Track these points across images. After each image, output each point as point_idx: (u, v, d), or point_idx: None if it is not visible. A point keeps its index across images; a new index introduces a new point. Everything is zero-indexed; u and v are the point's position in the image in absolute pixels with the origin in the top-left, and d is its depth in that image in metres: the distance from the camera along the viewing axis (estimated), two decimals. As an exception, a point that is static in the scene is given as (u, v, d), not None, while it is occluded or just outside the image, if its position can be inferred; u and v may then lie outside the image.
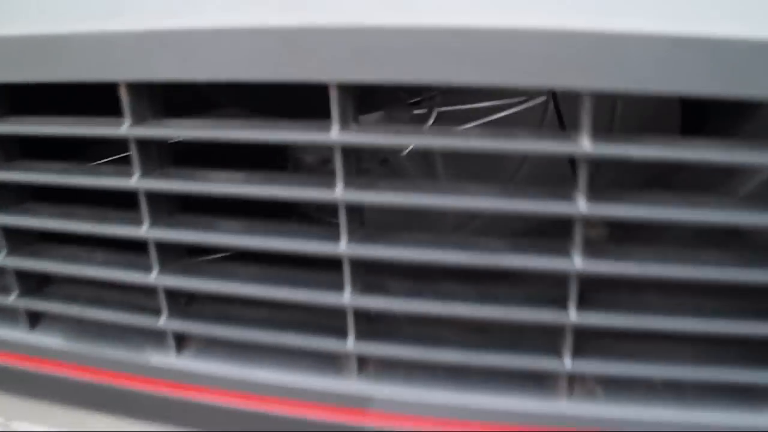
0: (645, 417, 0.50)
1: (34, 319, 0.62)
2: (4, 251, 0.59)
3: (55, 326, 0.62)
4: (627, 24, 0.40)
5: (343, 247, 0.49)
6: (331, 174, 0.48)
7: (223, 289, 0.53)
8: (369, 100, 0.81)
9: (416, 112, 0.97)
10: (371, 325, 0.53)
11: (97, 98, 0.53)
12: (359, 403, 0.53)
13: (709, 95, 0.39)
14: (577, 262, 0.46)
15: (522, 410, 0.52)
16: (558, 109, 0.84)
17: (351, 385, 0.53)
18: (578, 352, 0.49)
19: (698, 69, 0.38)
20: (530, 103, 0.90)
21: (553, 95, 0.86)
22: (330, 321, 0.54)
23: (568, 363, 0.49)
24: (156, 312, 0.57)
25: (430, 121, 0.96)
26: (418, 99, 0.96)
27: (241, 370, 0.56)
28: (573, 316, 0.47)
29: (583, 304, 0.48)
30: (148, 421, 0.60)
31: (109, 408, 0.61)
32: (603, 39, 0.40)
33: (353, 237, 0.49)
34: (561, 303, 0.48)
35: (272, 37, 0.44)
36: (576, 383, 0.51)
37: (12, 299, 0.60)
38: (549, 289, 0.51)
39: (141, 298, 0.59)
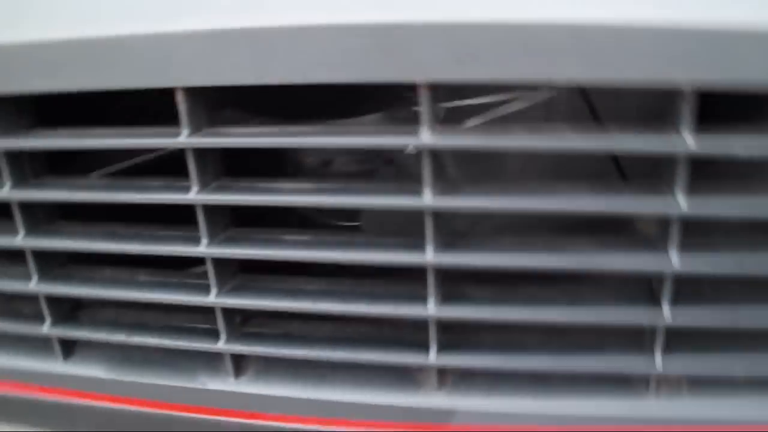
0: (731, 413, 0.50)
1: (68, 348, 0.58)
2: (35, 277, 0.55)
3: (91, 355, 0.58)
4: (729, 17, 0.39)
5: (430, 256, 0.47)
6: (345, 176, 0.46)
7: (293, 306, 0.50)
8: (370, 99, 0.80)
9: (415, 109, 0.95)
10: (449, 335, 0.51)
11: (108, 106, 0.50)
12: (441, 418, 0.52)
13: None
14: (675, 262, 0.45)
15: (610, 413, 0.51)
16: (589, 102, 0.83)
17: (432, 399, 0.52)
18: (666, 350, 0.49)
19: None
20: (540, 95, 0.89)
21: (583, 90, 0.86)
22: (400, 334, 0.52)
23: (659, 363, 0.48)
24: (208, 333, 0.54)
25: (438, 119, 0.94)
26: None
27: (307, 391, 0.53)
28: (667, 316, 0.47)
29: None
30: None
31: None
32: (709, 33, 0.40)
33: (437, 245, 0.47)
34: (650, 302, 0.47)
35: (361, 34, 0.42)
36: (662, 382, 0.51)
37: (46, 328, 0.56)
38: (629, 287, 0.50)
39: (186, 319, 0.56)
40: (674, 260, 0.45)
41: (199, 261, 0.51)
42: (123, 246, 0.52)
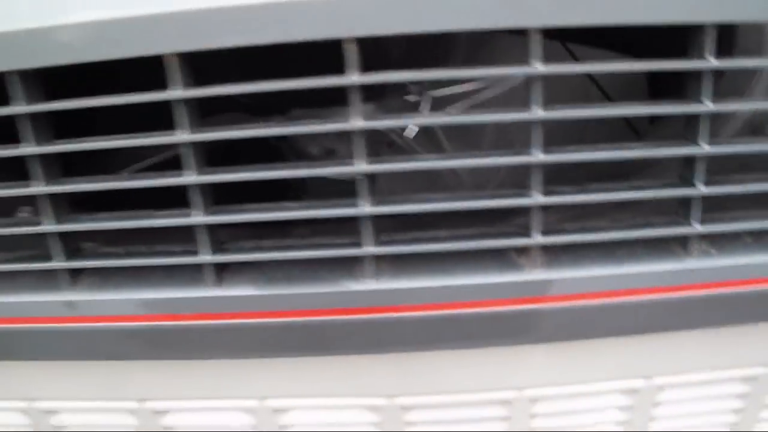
0: (744, 262, 0.70)
1: (219, 275, 0.70)
2: (200, 212, 0.67)
3: (239, 279, 0.71)
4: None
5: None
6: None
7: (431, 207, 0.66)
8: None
9: (408, 98, 1.13)
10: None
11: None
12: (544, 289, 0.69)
13: None
14: (705, 147, 0.66)
15: (659, 271, 0.70)
16: (598, 84, 1.04)
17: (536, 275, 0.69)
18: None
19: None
20: (515, 83, 1.09)
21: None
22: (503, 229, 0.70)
23: (698, 227, 0.68)
24: (347, 245, 0.69)
25: (427, 105, 1.12)
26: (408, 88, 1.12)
27: (435, 280, 0.69)
28: (702, 189, 0.67)
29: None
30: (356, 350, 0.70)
31: (316, 347, 0.71)
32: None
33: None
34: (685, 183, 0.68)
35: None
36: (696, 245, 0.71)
37: (203, 257, 0.68)
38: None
39: (322, 235, 0.70)
40: (705, 146, 0.66)
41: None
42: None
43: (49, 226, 0.68)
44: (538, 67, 0.61)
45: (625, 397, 0.79)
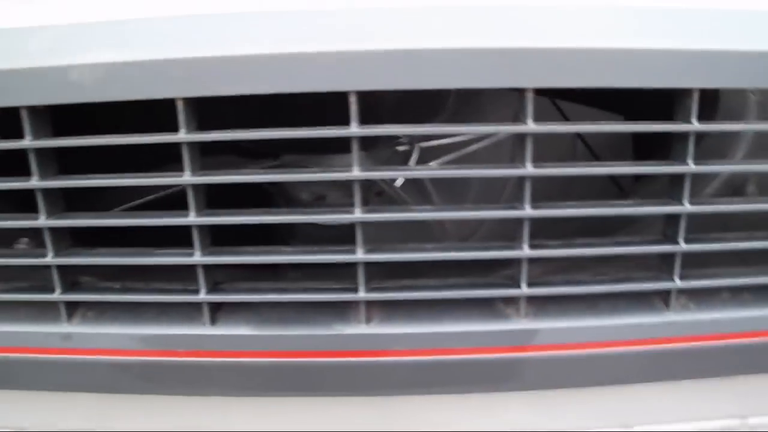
0: (721, 317, 0.74)
1: (214, 314, 0.73)
2: (199, 252, 0.70)
3: (233, 319, 0.73)
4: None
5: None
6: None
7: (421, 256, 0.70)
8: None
9: (399, 148, 1.17)
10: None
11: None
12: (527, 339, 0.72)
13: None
14: (687, 206, 0.70)
15: (640, 324, 0.73)
16: (584, 141, 1.08)
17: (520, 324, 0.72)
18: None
19: None
20: (501, 136, 1.13)
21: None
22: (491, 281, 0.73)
23: (678, 282, 0.72)
24: (342, 290, 0.72)
25: (415, 156, 1.17)
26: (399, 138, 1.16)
27: (423, 327, 0.72)
28: (683, 246, 0.71)
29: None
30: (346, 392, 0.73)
31: (306, 388, 0.73)
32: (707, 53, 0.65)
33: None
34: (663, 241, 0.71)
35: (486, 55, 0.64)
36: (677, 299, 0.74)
37: (201, 295, 0.71)
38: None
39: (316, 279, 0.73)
40: (687, 205, 0.70)
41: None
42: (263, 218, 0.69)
43: (49, 259, 0.70)
44: (531, 126, 0.65)
45: (606, 445, 0.82)
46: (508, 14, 0.65)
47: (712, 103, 0.92)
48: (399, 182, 1.15)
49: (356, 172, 0.65)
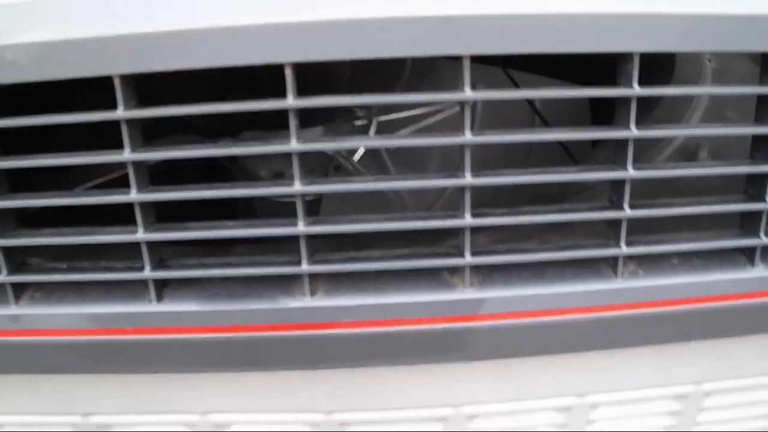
0: (670, 283, 0.75)
1: (159, 291, 0.73)
2: (142, 228, 0.71)
3: (180, 295, 0.74)
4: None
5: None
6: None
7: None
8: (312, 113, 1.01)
9: (357, 123, 1.18)
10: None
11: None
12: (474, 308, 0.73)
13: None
14: (630, 171, 0.70)
15: (588, 291, 0.74)
16: (537, 111, 1.08)
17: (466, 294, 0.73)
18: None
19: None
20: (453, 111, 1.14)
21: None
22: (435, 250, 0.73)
23: (624, 248, 0.72)
24: (286, 263, 0.72)
25: (373, 129, 1.17)
26: (357, 113, 1.16)
27: (372, 298, 0.72)
28: (628, 212, 0.71)
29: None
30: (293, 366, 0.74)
31: (254, 362, 0.74)
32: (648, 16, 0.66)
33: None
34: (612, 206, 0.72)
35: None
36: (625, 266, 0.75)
37: (146, 272, 0.72)
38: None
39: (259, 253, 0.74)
40: (630, 170, 0.70)
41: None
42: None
43: (-8, 240, 0.71)
44: (468, 93, 0.65)
45: (559, 415, 0.83)
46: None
47: (667, 69, 0.92)
48: (357, 156, 1.15)
49: (294, 144, 0.66)
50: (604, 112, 0.97)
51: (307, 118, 0.70)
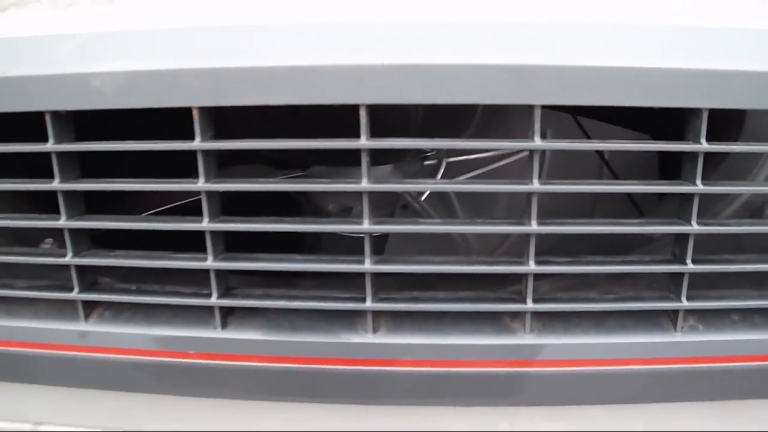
0: (730, 339, 0.76)
1: (224, 319, 0.77)
2: (211, 256, 0.74)
3: (244, 324, 0.77)
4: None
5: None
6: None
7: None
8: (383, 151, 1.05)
9: (427, 163, 1.21)
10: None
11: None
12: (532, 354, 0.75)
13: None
14: (694, 226, 0.72)
15: (646, 342, 0.76)
16: (606, 162, 1.10)
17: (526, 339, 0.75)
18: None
19: None
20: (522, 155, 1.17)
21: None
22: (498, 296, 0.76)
23: (685, 302, 0.74)
24: (350, 299, 0.75)
25: (441, 170, 1.20)
26: (428, 152, 1.20)
27: (433, 338, 0.75)
28: (690, 266, 0.73)
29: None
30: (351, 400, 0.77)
31: (313, 394, 0.77)
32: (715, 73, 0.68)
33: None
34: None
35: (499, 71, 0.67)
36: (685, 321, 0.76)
37: (213, 299, 0.75)
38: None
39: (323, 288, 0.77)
40: (694, 225, 0.72)
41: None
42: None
43: (68, 259, 0.75)
44: (537, 142, 0.68)
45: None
46: (519, 30, 0.68)
47: (736, 125, 0.94)
48: (424, 196, 1.19)
49: (364, 184, 0.69)
50: (673, 164, 1.00)
51: (378, 156, 0.73)
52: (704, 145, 0.69)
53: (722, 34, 0.70)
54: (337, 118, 0.70)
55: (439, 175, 1.21)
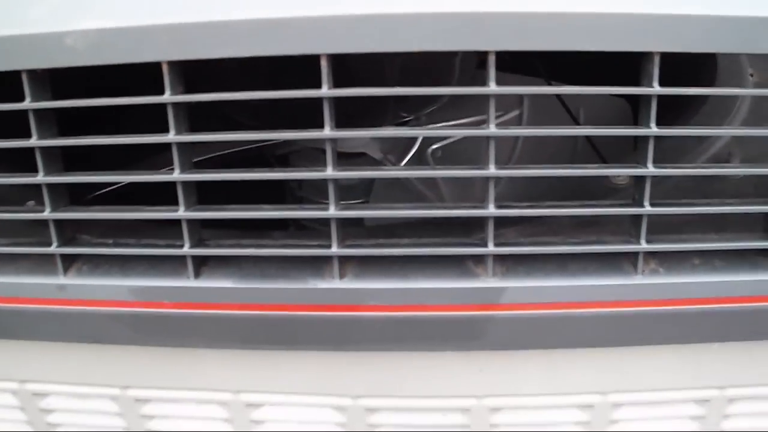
0: (690, 281, 0.78)
1: (197, 268, 0.80)
2: (183, 207, 0.78)
3: (216, 273, 0.81)
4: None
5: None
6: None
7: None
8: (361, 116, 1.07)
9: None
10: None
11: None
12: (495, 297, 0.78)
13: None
14: (650, 168, 0.75)
15: (607, 285, 0.78)
16: (569, 111, 1.13)
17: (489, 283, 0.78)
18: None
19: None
20: (506, 117, 1.20)
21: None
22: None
23: (644, 245, 0.77)
24: (318, 246, 0.78)
25: (420, 138, 1.23)
26: (406, 118, 1.23)
27: (398, 283, 0.78)
28: (648, 208, 0.76)
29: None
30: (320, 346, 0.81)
31: (284, 341, 0.80)
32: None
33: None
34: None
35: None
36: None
37: (186, 249, 0.79)
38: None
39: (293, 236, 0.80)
40: (650, 167, 0.75)
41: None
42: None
43: (46, 214, 0.79)
44: (493, 88, 0.71)
45: (582, 413, 0.87)
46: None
47: (707, 82, 0.97)
48: (404, 162, 1.22)
49: (327, 131, 0.72)
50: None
51: (355, 121, 0.75)
52: (656, 89, 0.72)
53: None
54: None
55: (418, 142, 1.24)
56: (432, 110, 1.20)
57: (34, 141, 0.77)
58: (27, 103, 0.75)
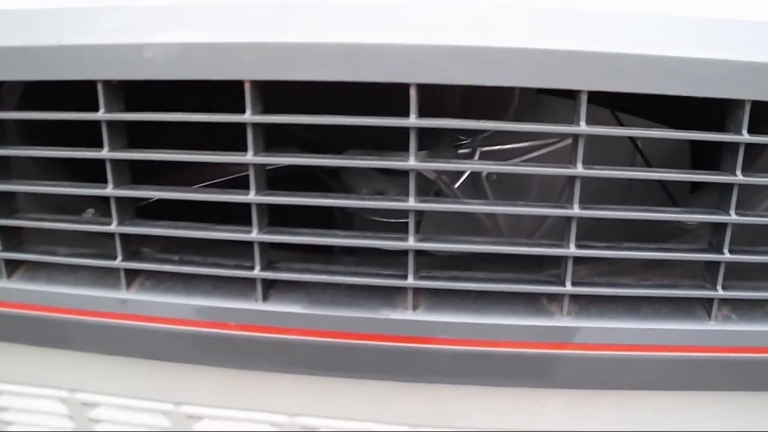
0: (763, 330, 0.79)
1: (266, 291, 0.81)
2: (256, 229, 0.78)
3: (285, 298, 0.81)
4: None
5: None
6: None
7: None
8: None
9: (461, 151, 1.25)
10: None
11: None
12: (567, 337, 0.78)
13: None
14: (733, 216, 0.75)
15: (679, 330, 0.79)
16: (641, 153, 1.14)
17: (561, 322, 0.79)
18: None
19: None
20: (562, 143, 1.21)
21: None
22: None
23: (720, 291, 0.78)
24: (391, 276, 0.79)
25: (476, 158, 1.24)
26: (462, 140, 1.23)
27: (471, 317, 0.79)
28: (727, 255, 0.77)
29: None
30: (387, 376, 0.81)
31: (349, 369, 0.81)
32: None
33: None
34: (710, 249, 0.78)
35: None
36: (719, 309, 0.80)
37: (256, 271, 0.79)
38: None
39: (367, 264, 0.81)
40: (733, 215, 0.75)
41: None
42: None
43: (113, 227, 0.79)
44: (583, 127, 0.71)
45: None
46: (568, 16, 0.72)
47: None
48: (458, 184, 1.22)
49: (412, 162, 0.73)
50: (706, 163, 1.03)
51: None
52: (745, 137, 0.72)
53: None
54: (380, 103, 0.73)
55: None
56: (488, 134, 1.20)
57: (105, 152, 0.77)
58: (101, 114, 0.75)
